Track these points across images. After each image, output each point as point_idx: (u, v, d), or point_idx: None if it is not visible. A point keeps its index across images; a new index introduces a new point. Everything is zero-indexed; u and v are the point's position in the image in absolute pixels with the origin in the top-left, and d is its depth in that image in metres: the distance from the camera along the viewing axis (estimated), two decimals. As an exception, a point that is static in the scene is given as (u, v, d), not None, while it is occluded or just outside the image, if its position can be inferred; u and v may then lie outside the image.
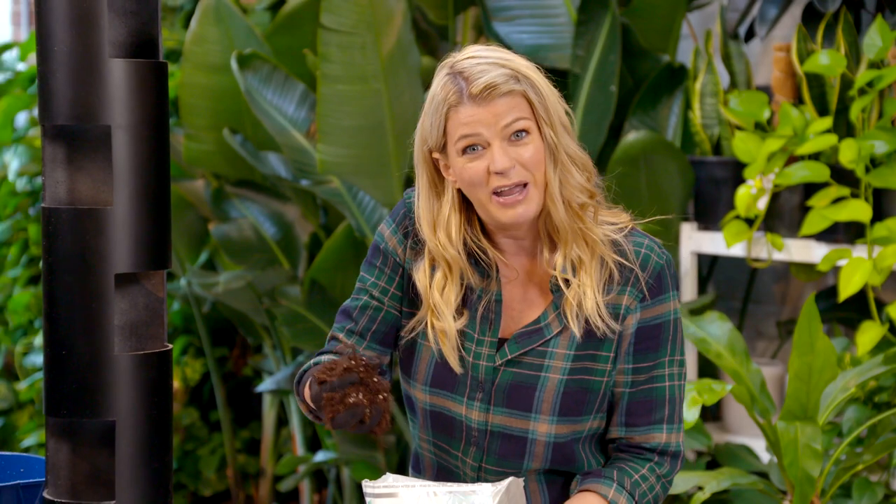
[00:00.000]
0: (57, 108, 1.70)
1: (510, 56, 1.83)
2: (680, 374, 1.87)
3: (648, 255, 1.85)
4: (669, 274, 1.86)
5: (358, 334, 1.93)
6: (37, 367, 4.46)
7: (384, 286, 1.93)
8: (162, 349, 1.76)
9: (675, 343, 1.86)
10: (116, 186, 1.70)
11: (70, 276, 1.71)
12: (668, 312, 1.85)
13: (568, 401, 1.84)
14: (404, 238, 1.92)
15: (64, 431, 1.75)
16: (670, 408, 1.85)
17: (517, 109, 1.80)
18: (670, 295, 1.86)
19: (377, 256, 1.94)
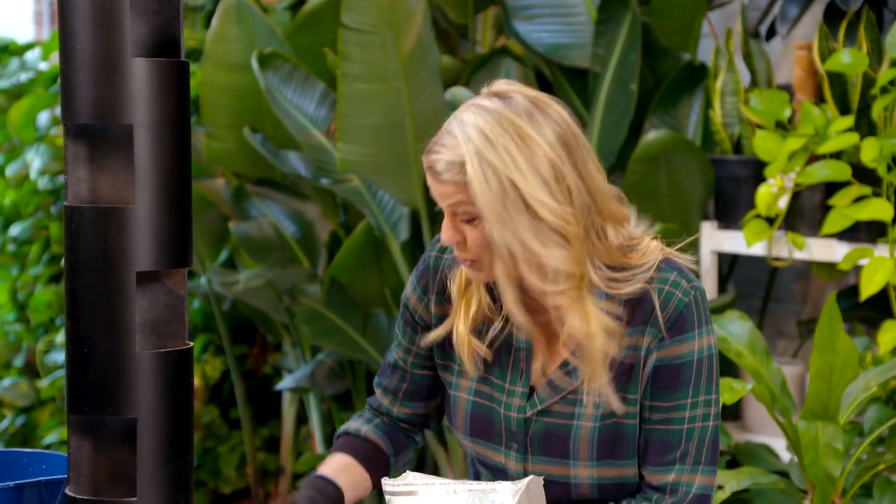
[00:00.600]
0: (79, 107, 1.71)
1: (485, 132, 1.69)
2: (706, 414, 1.76)
3: (671, 293, 1.75)
4: (697, 311, 1.75)
5: (391, 392, 1.96)
6: (58, 365, 4.49)
7: (407, 346, 1.93)
8: (183, 347, 1.77)
9: (701, 383, 1.76)
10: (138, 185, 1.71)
11: (92, 274, 1.72)
12: (690, 352, 1.75)
13: (605, 446, 1.79)
14: (424, 294, 1.89)
15: (85, 429, 1.76)
16: (686, 448, 1.76)
17: (461, 194, 1.71)
18: (696, 333, 1.75)
19: (402, 316, 1.94)
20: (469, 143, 1.70)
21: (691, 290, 1.76)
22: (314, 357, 4.06)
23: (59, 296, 4.56)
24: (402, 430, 1.99)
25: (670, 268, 1.78)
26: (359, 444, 1.94)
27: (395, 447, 1.97)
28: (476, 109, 1.74)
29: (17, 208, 4.71)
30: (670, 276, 1.77)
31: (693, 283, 1.77)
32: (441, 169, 1.72)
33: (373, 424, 1.97)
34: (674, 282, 1.76)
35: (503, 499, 1.68)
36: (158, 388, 1.74)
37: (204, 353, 4.40)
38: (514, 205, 1.69)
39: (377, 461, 1.95)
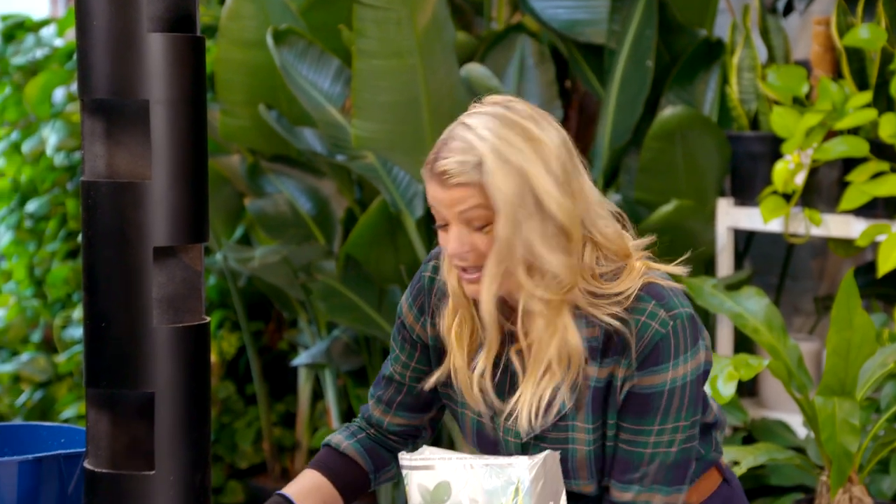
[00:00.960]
0: (96, 83, 1.71)
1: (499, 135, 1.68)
2: (671, 441, 1.74)
3: (647, 325, 1.72)
4: (675, 341, 1.71)
5: (385, 403, 1.94)
6: (75, 340, 4.51)
7: (405, 361, 1.91)
8: (200, 322, 1.78)
9: (670, 412, 1.73)
10: (155, 160, 1.71)
11: (109, 249, 1.72)
12: (663, 383, 1.72)
13: (602, 465, 1.78)
14: (420, 314, 1.88)
15: (104, 403, 1.77)
16: (646, 471, 1.74)
17: (476, 198, 1.69)
18: (670, 364, 1.71)
19: (398, 330, 1.91)
20: (483, 141, 1.69)
21: (670, 321, 1.72)
22: (330, 333, 4.07)
23: (75, 272, 4.58)
24: (389, 444, 1.96)
25: (649, 296, 1.73)
26: (336, 461, 1.92)
27: (376, 464, 1.94)
28: (480, 115, 1.73)
29: (33, 185, 4.72)
30: (648, 306, 1.73)
31: (674, 312, 1.73)
32: (455, 171, 1.69)
33: (356, 439, 1.94)
34: (651, 312, 1.72)
35: (520, 473, 1.69)
36: (176, 362, 1.74)
37: (220, 329, 4.41)
38: (529, 202, 1.68)
39: (353, 479, 1.92)
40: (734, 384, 2.64)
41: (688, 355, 1.73)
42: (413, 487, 1.71)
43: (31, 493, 1.86)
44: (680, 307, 1.74)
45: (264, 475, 4.40)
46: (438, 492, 1.70)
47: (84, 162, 1.75)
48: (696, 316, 1.76)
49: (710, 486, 1.89)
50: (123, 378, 1.73)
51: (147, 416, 1.74)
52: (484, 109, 1.73)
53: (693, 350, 1.73)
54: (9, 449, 2.03)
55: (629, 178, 3.60)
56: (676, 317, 1.72)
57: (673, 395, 1.73)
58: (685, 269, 1.80)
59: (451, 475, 1.70)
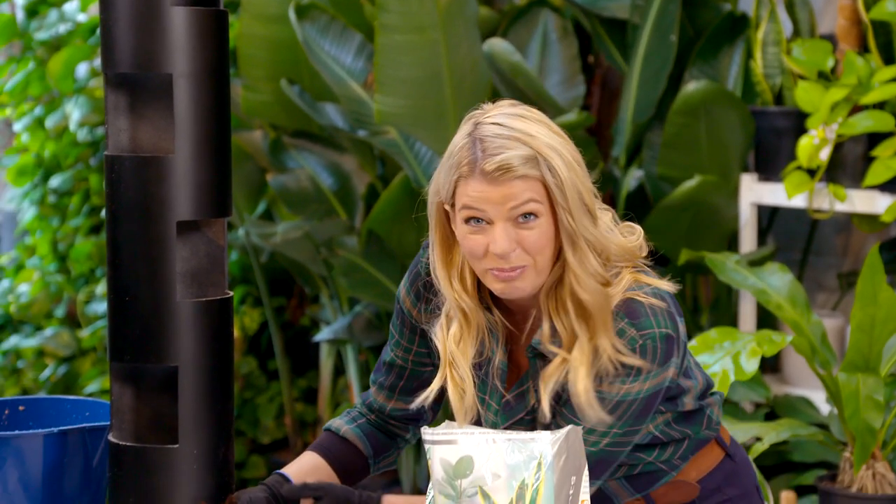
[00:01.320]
0: (119, 57, 1.71)
1: (535, 129, 1.72)
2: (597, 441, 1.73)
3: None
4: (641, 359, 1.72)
5: (387, 389, 1.94)
6: (99, 315, 4.53)
7: (406, 345, 1.90)
8: (223, 296, 1.78)
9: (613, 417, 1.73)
10: (178, 134, 1.71)
11: (133, 223, 1.73)
12: (615, 394, 1.72)
13: None
14: (417, 300, 1.87)
15: (127, 376, 1.78)
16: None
17: (530, 191, 1.70)
18: (629, 380, 1.72)
19: (398, 316, 1.91)
20: (532, 138, 1.70)
21: (639, 339, 1.72)
22: (352, 309, 4.08)
23: (99, 247, 4.59)
24: (390, 429, 1.96)
25: (624, 314, 1.73)
26: (335, 445, 1.93)
27: (375, 449, 1.94)
28: (504, 115, 1.74)
29: (56, 160, 4.74)
30: (620, 324, 1.73)
31: (645, 332, 1.72)
32: (517, 164, 1.69)
33: (356, 424, 1.94)
34: (620, 330, 1.73)
35: (542, 448, 1.69)
36: (199, 336, 1.75)
37: (242, 304, 4.42)
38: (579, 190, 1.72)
39: (352, 463, 1.93)
40: (757, 360, 2.63)
41: (649, 375, 1.73)
42: (435, 462, 1.71)
43: (56, 465, 1.88)
44: (654, 327, 1.73)
45: (286, 450, 4.42)
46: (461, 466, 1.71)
47: (107, 136, 1.76)
48: (673, 336, 1.74)
49: (710, 461, 1.88)
50: (147, 352, 1.74)
51: (171, 390, 1.75)
52: (505, 111, 1.75)
53: (658, 371, 1.74)
54: (34, 422, 2.04)
55: (652, 153, 3.58)
56: (647, 337, 1.72)
57: (619, 406, 1.74)
58: (674, 287, 1.79)
59: (473, 450, 1.70)
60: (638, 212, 3.75)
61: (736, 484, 1.89)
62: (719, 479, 1.88)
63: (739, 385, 3.17)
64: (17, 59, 4.77)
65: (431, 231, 1.79)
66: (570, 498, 1.71)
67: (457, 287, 1.78)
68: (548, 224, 1.72)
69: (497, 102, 1.78)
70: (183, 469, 1.74)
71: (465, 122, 1.76)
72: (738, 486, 1.89)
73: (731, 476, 1.89)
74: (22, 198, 4.84)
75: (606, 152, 3.85)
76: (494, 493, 1.69)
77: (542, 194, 1.71)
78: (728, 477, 1.89)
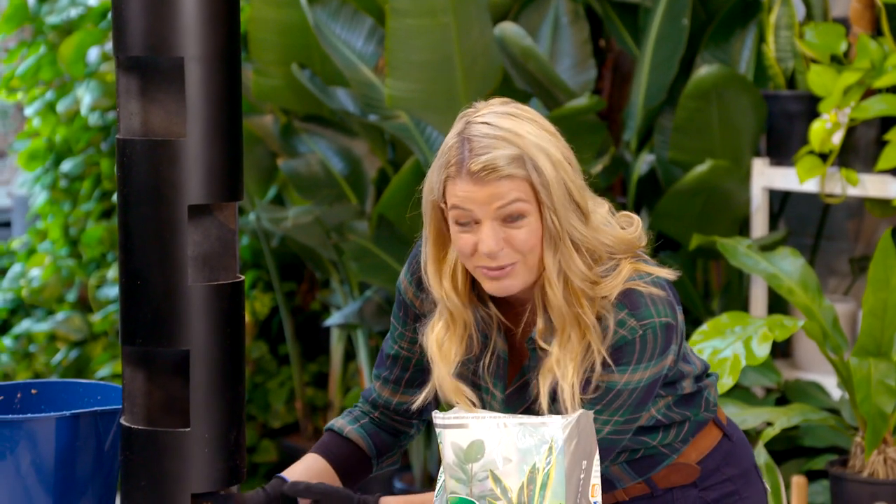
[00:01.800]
0: (131, 40, 1.71)
1: (524, 128, 1.71)
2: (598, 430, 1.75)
3: (615, 332, 1.73)
4: (641, 348, 1.73)
5: (393, 382, 1.93)
6: (110, 300, 4.54)
7: (410, 336, 1.90)
8: (234, 280, 1.78)
9: (609, 408, 1.75)
10: (189, 118, 1.71)
11: (144, 206, 1.73)
12: (614, 382, 1.74)
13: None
14: (419, 290, 1.87)
15: (139, 360, 1.78)
16: None
17: (516, 191, 1.70)
18: (629, 369, 1.73)
19: (400, 307, 1.91)
20: (519, 136, 1.71)
21: (639, 329, 1.73)
22: (362, 293, 4.08)
23: (110, 231, 4.60)
24: (394, 426, 1.96)
25: (623, 305, 1.74)
26: (338, 446, 1.93)
27: (379, 449, 1.94)
28: (495, 114, 1.74)
29: (68, 144, 4.74)
30: (620, 314, 1.74)
31: (645, 322, 1.73)
32: (503, 164, 1.70)
33: (359, 424, 1.94)
34: (620, 320, 1.74)
35: (553, 432, 1.69)
36: (210, 320, 1.75)
37: (253, 289, 4.43)
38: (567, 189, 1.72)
39: (355, 464, 1.93)
40: (768, 345, 2.63)
41: (649, 364, 1.74)
42: (447, 446, 1.71)
43: (69, 448, 1.88)
44: (654, 317, 1.74)
45: (297, 434, 4.43)
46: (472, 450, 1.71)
47: (119, 120, 1.76)
48: (672, 324, 1.75)
49: (709, 442, 1.90)
50: (159, 336, 1.74)
51: (182, 374, 1.75)
52: (496, 109, 1.74)
53: (657, 360, 1.75)
54: (46, 405, 2.05)
55: (664, 137, 3.57)
56: (647, 326, 1.73)
57: (619, 395, 1.75)
58: (674, 274, 1.80)
59: (484, 434, 1.71)
60: (649, 196, 3.76)
61: (734, 463, 1.91)
62: (718, 460, 1.90)
63: (750, 370, 3.17)
64: (29, 44, 4.78)
65: (425, 229, 1.81)
66: (581, 482, 1.71)
67: (446, 286, 1.79)
68: (536, 223, 1.72)
69: (490, 101, 1.78)
70: (194, 452, 1.74)
71: (458, 120, 1.77)
72: (736, 466, 1.91)
73: (729, 456, 1.91)
74: (33, 182, 4.85)
75: (618, 137, 3.84)
76: (505, 477, 1.69)
77: (530, 193, 1.71)
78: (726, 457, 1.91)
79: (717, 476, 1.89)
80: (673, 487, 1.88)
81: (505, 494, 1.68)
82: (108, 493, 1.95)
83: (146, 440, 1.75)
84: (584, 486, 1.71)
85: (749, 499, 1.91)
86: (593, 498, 1.72)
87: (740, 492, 1.90)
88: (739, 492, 1.90)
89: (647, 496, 1.89)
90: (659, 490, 1.89)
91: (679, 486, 1.88)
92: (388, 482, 4.03)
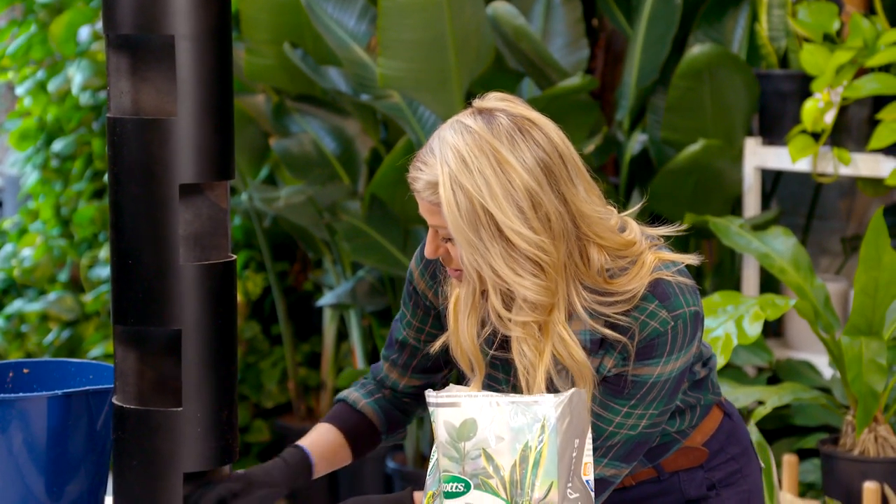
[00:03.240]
0: (121, 18, 1.70)
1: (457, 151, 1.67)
2: (635, 425, 1.75)
3: (646, 324, 1.71)
4: (672, 339, 1.71)
5: (401, 367, 1.93)
6: (102, 280, 4.53)
7: (418, 325, 1.90)
8: (226, 259, 1.78)
9: (644, 401, 1.74)
10: (180, 97, 1.70)
11: (135, 185, 1.72)
12: (648, 375, 1.73)
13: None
14: (433, 281, 1.87)
15: (131, 340, 1.78)
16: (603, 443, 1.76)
17: (438, 215, 1.71)
18: (661, 361, 1.72)
19: (410, 296, 1.90)
20: (445, 165, 1.68)
21: (670, 321, 1.72)
22: (355, 273, 4.08)
23: (102, 211, 4.59)
24: (403, 405, 1.96)
25: (653, 296, 1.72)
26: (351, 417, 1.93)
27: (389, 424, 1.94)
28: (458, 128, 1.70)
29: (59, 124, 4.72)
30: (650, 306, 1.72)
31: (677, 312, 1.72)
32: (420, 188, 1.72)
33: (373, 398, 1.94)
34: (651, 313, 1.72)
35: (546, 411, 1.69)
36: (202, 299, 1.75)
37: (245, 269, 4.43)
38: (488, 231, 1.67)
39: (366, 437, 1.93)
40: (760, 324, 2.63)
41: (680, 354, 1.73)
42: (439, 424, 1.71)
43: (61, 428, 1.88)
44: (685, 307, 1.73)
45: (290, 415, 4.43)
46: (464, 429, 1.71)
47: (109, 99, 1.75)
48: (700, 313, 1.75)
49: (713, 424, 1.90)
50: (150, 315, 1.74)
51: (174, 353, 1.75)
52: (466, 122, 1.70)
53: (687, 348, 1.74)
54: (38, 385, 2.05)
55: (656, 117, 3.57)
56: (679, 317, 1.72)
57: (654, 387, 1.74)
58: (697, 259, 1.79)
59: (477, 412, 1.71)
60: (642, 176, 3.76)
61: (736, 442, 1.92)
62: (722, 440, 1.90)
63: (742, 349, 3.18)
64: (19, 23, 4.75)
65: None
66: (573, 461, 1.71)
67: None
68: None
69: (486, 95, 1.74)
70: (186, 432, 1.74)
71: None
72: (738, 444, 1.92)
73: (731, 435, 1.91)
74: (25, 162, 4.84)
75: (610, 116, 3.83)
76: (498, 455, 1.69)
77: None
78: (729, 436, 1.91)
79: (721, 456, 1.90)
80: (679, 470, 1.89)
81: (497, 473, 1.69)
82: (101, 473, 1.95)
83: (138, 419, 1.75)
84: (576, 464, 1.72)
85: (750, 476, 1.92)
86: (585, 476, 1.72)
87: (743, 470, 1.91)
88: (742, 470, 1.91)
89: (654, 480, 1.89)
90: (666, 474, 1.89)
91: (685, 469, 1.89)
92: (381, 461, 4.04)
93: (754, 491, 1.92)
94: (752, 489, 1.92)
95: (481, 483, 1.69)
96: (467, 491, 1.70)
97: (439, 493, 1.71)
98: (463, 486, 1.70)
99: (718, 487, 1.90)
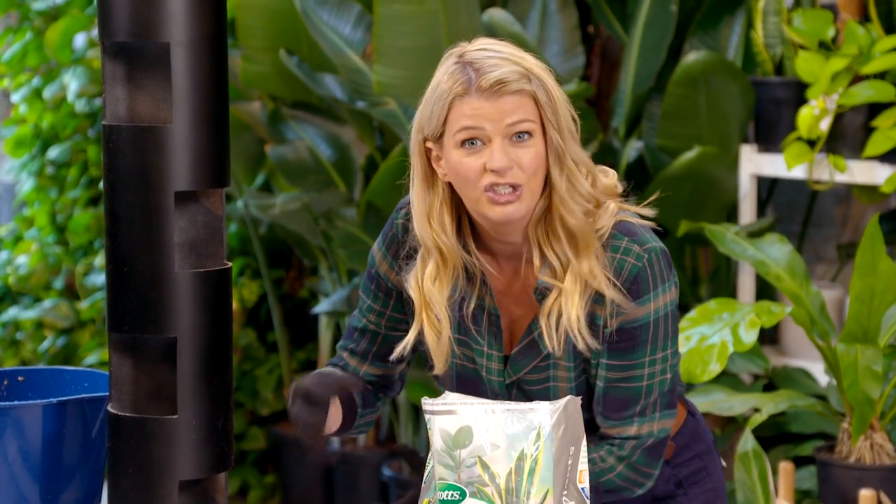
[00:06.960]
0: (116, 25, 1.70)
1: (522, 54, 1.78)
2: (663, 369, 1.80)
3: (623, 261, 1.77)
4: (651, 272, 1.77)
5: (360, 355, 1.93)
6: (97, 287, 4.53)
7: (379, 310, 1.90)
8: (222, 267, 1.78)
9: (658, 340, 1.79)
10: (176, 104, 1.70)
11: (131, 193, 1.72)
12: (647, 315, 1.77)
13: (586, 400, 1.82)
14: (395, 261, 1.88)
15: (126, 347, 1.77)
16: (644, 403, 1.80)
17: (524, 110, 1.75)
18: (651, 296, 1.77)
19: (371, 280, 1.91)
20: (522, 59, 1.76)
21: (644, 254, 1.78)
22: (350, 280, 4.08)
23: (97, 218, 4.59)
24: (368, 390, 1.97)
25: (622, 234, 1.80)
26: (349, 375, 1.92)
27: (365, 400, 1.94)
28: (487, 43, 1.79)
29: (54, 131, 4.72)
30: (621, 243, 1.79)
31: (647, 245, 1.79)
32: (512, 79, 1.74)
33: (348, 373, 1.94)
34: (625, 248, 1.78)
35: (541, 418, 1.69)
36: (198, 307, 1.74)
37: (241, 276, 4.42)
38: (565, 120, 1.78)
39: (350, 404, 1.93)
40: (756, 331, 2.63)
41: (666, 286, 1.79)
42: (435, 432, 1.71)
43: (56, 435, 1.88)
44: (652, 241, 1.81)
45: (285, 422, 4.42)
46: (460, 436, 1.71)
47: (105, 106, 1.75)
48: (667, 251, 1.82)
49: (679, 420, 1.93)
50: (146, 323, 1.73)
51: (169, 361, 1.75)
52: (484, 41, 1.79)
53: (669, 282, 1.81)
54: (33, 393, 2.04)
55: (652, 124, 3.57)
56: (650, 250, 1.79)
57: (658, 324, 1.79)
58: (653, 211, 1.86)
59: (472, 420, 1.71)
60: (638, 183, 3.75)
61: (700, 440, 1.95)
62: (688, 437, 1.93)
63: (738, 356, 3.18)
64: (15, 30, 4.75)
65: (412, 171, 1.83)
66: (568, 468, 1.71)
67: (436, 227, 1.80)
68: (541, 145, 1.77)
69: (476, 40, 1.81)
70: (182, 439, 1.74)
71: (445, 58, 1.80)
72: (702, 442, 1.95)
73: (695, 433, 1.94)
74: (20, 169, 4.83)
75: (606, 123, 3.84)
76: (493, 463, 1.69)
77: (535, 114, 1.76)
78: (694, 434, 1.94)
79: (687, 452, 1.92)
80: None
81: (493, 480, 1.69)
82: (96, 480, 1.95)
83: (133, 427, 1.75)
84: (571, 472, 1.72)
85: (714, 474, 1.95)
86: (581, 484, 1.72)
87: (707, 468, 1.94)
88: (707, 468, 1.94)
89: None
90: None
91: None
92: (377, 468, 4.04)
93: (718, 490, 1.95)
94: (716, 488, 1.94)
95: (477, 491, 1.69)
96: (463, 499, 1.69)
97: (435, 502, 1.71)
98: (458, 494, 1.70)
99: (685, 486, 1.92)
